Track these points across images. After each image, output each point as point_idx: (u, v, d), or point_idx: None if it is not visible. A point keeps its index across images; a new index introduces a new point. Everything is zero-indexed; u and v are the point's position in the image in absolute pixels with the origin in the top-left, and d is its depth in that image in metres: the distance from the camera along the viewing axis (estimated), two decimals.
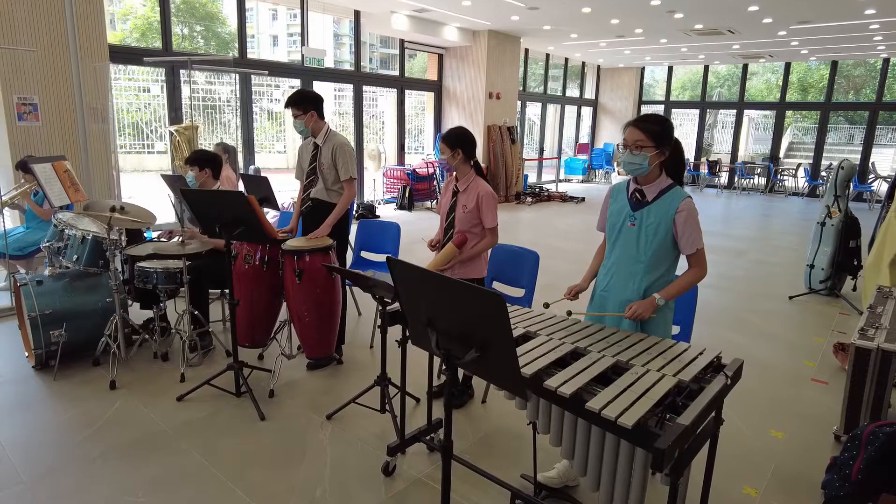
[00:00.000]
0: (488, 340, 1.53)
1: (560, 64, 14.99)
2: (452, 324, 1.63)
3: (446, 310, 1.62)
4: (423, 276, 1.63)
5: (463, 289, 1.48)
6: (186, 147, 6.01)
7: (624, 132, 2.29)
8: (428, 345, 1.79)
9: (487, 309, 1.46)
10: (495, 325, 1.47)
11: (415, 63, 14.83)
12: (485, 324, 1.51)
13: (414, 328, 1.84)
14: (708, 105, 16.11)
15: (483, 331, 1.53)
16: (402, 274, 1.74)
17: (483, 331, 1.53)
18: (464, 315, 1.56)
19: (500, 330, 1.47)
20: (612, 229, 2.40)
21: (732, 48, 12.11)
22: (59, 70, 5.67)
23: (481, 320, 1.51)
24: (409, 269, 1.68)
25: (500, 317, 1.44)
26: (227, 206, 2.92)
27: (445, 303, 1.60)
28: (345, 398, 3.22)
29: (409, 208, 10.33)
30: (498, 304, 1.42)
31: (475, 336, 1.56)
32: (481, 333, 1.54)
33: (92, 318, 3.54)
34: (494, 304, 1.42)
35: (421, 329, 1.77)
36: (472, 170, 2.99)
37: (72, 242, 3.55)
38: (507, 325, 1.45)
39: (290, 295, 3.28)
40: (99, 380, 3.39)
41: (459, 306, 1.55)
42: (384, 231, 4.35)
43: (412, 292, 1.74)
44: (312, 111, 3.47)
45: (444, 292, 1.58)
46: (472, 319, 1.54)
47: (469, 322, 1.56)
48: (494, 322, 1.47)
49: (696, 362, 1.90)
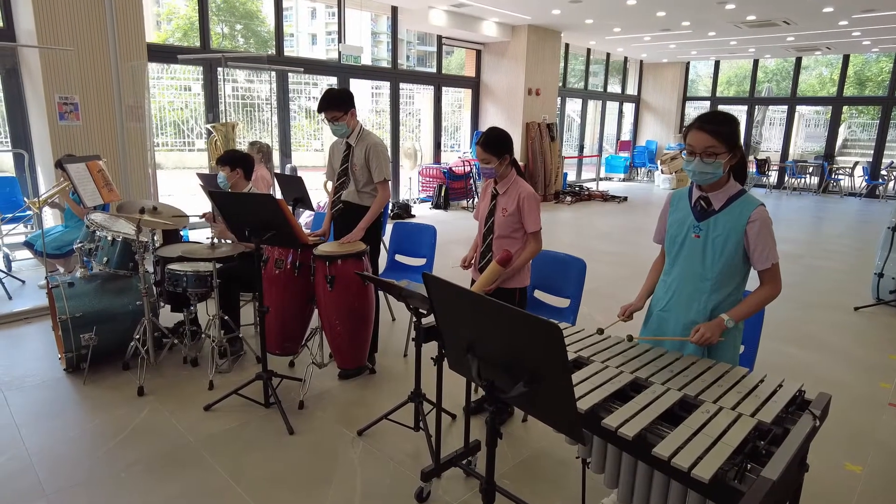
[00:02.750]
0: (540, 373, 1.32)
1: (601, 59, 14.55)
2: (497, 352, 1.43)
3: (490, 335, 1.42)
4: (463, 297, 1.43)
5: (512, 314, 1.27)
6: (223, 144, 5.96)
7: (686, 136, 2.04)
8: (467, 372, 1.59)
9: (541, 339, 1.25)
10: (549, 358, 1.27)
11: (451, 60, 14.62)
12: (537, 355, 1.30)
13: (452, 352, 1.64)
14: (757, 101, 15.40)
15: (534, 362, 1.32)
16: (440, 293, 1.54)
17: (534, 362, 1.32)
18: (511, 343, 1.36)
19: (555, 363, 1.26)
20: (673, 242, 2.15)
21: (786, 40, 11.49)
22: (98, 69, 5.69)
23: (532, 350, 1.30)
24: (448, 288, 1.48)
25: (556, 349, 1.23)
26: (257, 210, 2.79)
27: (489, 328, 1.40)
28: (377, 411, 3.05)
29: (444, 208, 10.14)
30: (554, 335, 1.21)
31: (524, 367, 1.36)
32: (531, 365, 1.33)
33: (122, 321, 3.47)
34: (550, 335, 1.21)
35: (460, 354, 1.58)
36: (512, 170, 2.78)
37: (102, 244, 3.48)
38: (563, 359, 1.24)
39: (322, 302, 3.14)
40: (128, 384, 3.31)
41: (506, 333, 1.35)
42: (420, 234, 4.17)
43: (451, 313, 1.55)
44: (351, 109, 3.30)
45: (487, 316, 1.38)
46: (521, 349, 1.34)
47: (518, 351, 1.36)
48: (549, 354, 1.26)
49: (777, 398, 1.65)
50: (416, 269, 4.17)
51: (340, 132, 3.35)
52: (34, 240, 4.78)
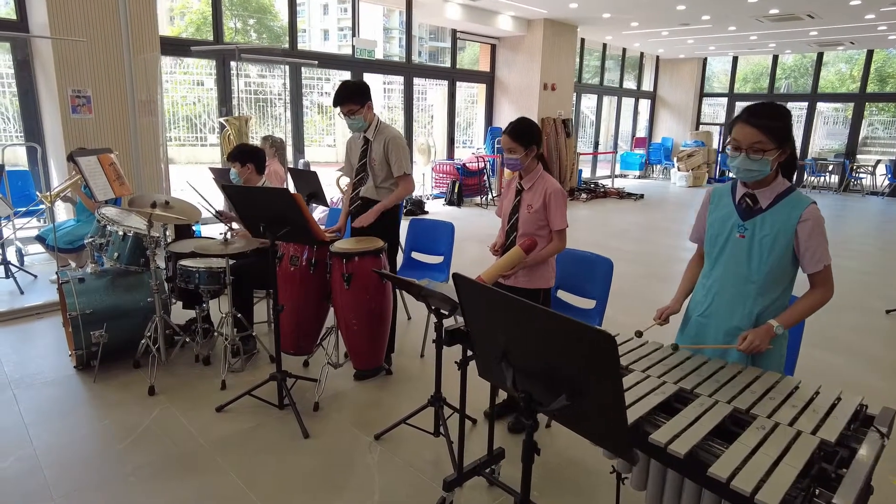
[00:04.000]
0: (586, 387, 1.20)
1: (616, 55, 14.33)
2: (537, 361, 1.31)
3: (530, 344, 1.30)
4: (500, 302, 1.31)
5: (561, 322, 1.15)
6: (236, 139, 5.87)
7: (731, 130, 1.89)
8: (501, 381, 1.47)
9: (592, 350, 1.13)
10: (600, 371, 1.14)
11: (464, 55, 14.47)
12: (585, 366, 1.18)
13: (483, 359, 1.53)
14: (776, 97, 15.09)
15: (580, 374, 1.20)
16: (472, 296, 1.42)
17: (580, 374, 1.20)
18: (556, 353, 1.23)
19: (606, 377, 1.14)
20: (714, 241, 2.01)
21: (809, 35, 11.21)
22: (111, 62, 5.62)
23: (580, 361, 1.18)
24: (483, 291, 1.36)
25: (609, 361, 1.10)
26: (272, 204, 2.68)
27: (530, 335, 1.28)
28: (394, 414, 2.94)
29: (458, 204, 10.02)
30: (607, 347, 1.08)
31: (567, 379, 1.24)
32: (577, 377, 1.21)
33: (133, 317, 3.39)
34: (603, 346, 1.09)
35: (492, 361, 1.46)
36: (538, 165, 2.65)
37: (113, 239, 3.40)
38: (616, 374, 1.11)
39: (338, 301, 3.03)
40: (138, 383, 3.23)
41: (551, 342, 1.23)
42: (437, 231, 4.05)
43: (484, 318, 1.43)
44: (368, 101, 3.18)
45: (529, 323, 1.26)
46: (566, 359, 1.22)
47: (562, 362, 1.24)
48: (599, 367, 1.14)
49: (837, 413, 1.51)
50: (434, 267, 4.05)
51: (357, 126, 3.23)
52: (46, 234, 4.72)
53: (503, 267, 2.49)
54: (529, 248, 2.46)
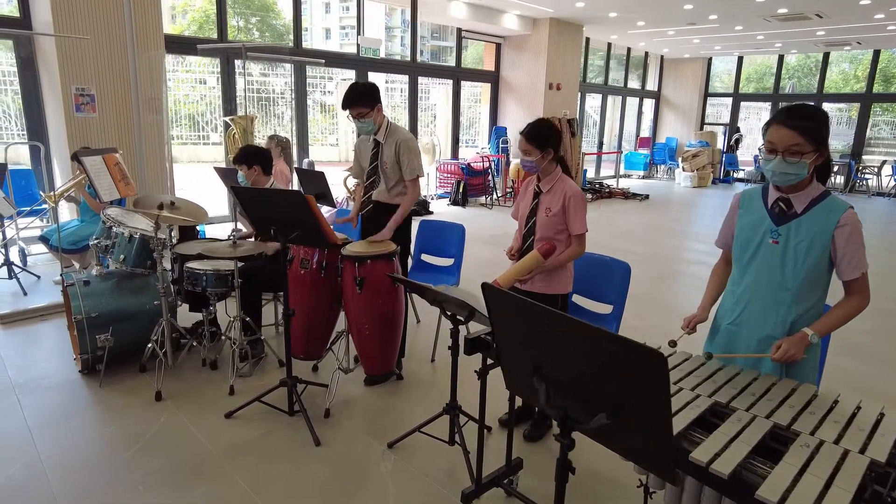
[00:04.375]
0: (628, 405, 1.14)
1: (620, 54, 14.25)
2: (573, 376, 1.24)
3: (566, 358, 1.23)
4: (535, 314, 1.25)
5: (608, 339, 1.08)
6: (241, 138, 5.81)
7: (765, 133, 1.82)
8: (532, 396, 1.40)
9: (640, 368, 1.06)
10: (647, 391, 1.08)
11: (467, 55, 14.40)
12: (629, 385, 1.11)
13: (513, 373, 1.46)
14: (781, 97, 15.01)
15: (623, 392, 1.13)
16: (503, 306, 1.36)
17: (623, 392, 1.13)
18: (596, 368, 1.17)
19: (654, 398, 1.07)
20: (745, 247, 1.94)
21: (816, 34, 11.13)
22: (115, 60, 5.55)
23: (624, 380, 1.11)
24: (515, 302, 1.29)
25: (658, 381, 1.04)
26: (284, 207, 2.62)
27: (566, 349, 1.22)
28: (406, 421, 2.88)
29: (462, 204, 9.95)
30: (657, 365, 1.02)
31: (608, 396, 1.17)
32: (619, 395, 1.14)
33: (139, 321, 3.33)
34: (652, 364, 1.02)
35: (523, 376, 1.39)
36: (557, 167, 2.58)
37: (119, 241, 3.34)
38: (665, 394, 1.05)
39: (350, 305, 2.96)
40: (145, 388, 3.16)
41: (590, 357, 1.16)
42: (447, 232, 3.98)
43: (515, 330, 1.36)
44: (378, 104, 3.12)
45: (566, 336, 1.19)
46: (608, 376, 1.15)
47: (603, 378, 1.17)
48: (646, 386, 1.07)
49: (883, 430, 1.44)
50: (444, 270, 3.99)
51: (367, 129, 3.16)
52: (49, 234, 4.66)
53: (520, 271, 2.43)
54: (548, 252, 2.40)
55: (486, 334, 2.03)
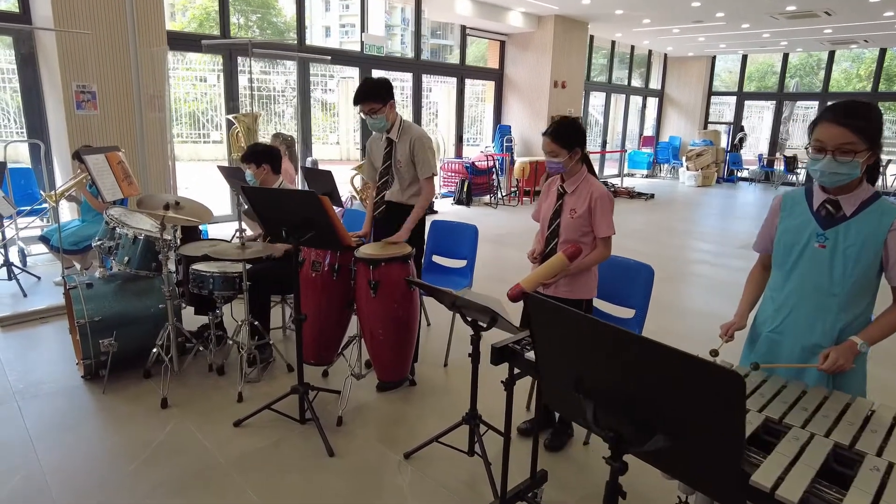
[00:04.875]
0: (692, 428, 1.04)
1: (624, 53, 14.14)
2: (626, 395, 1.14)
3: (620, 375, 1.13)
4: (587, 328, 1.15)
5: (673, 356, 0.98)
6: (245, 137, 5.70)
7: (813, 129, 1.72)
8: (575, 414, 1.30)
9: (709, 390, 0.96)
10: (718, 414, 0.98)
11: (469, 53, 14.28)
12: (697, 407, 1.01)
13: (555, 389, 1.36)
14: (785, 96, 14.92)
15: (688, 415, 1.03)
16: (548, 319, 1.25)
17: (688, 415, 1.03)
18: (655, 388, 1.07)
19: (726, 422, 0.97)
20: (788, 251, 1.84)
21: (823, 32, 11.04)
22: (117, 57, 5.44)
23: (692, 401, 1.01)
24: (563, 315, 1.19)
25: (732, 406, 0.94)
26: (296, 207, 2.51)
27: (621, 366, 1.11)
28: (421, 429, 2.78)
29: (467, 203, 9.85)
30: (734, 389, 0.92)
31: (669, 418, 1.07)
32: (683, 417, 1.04)
33: (144, 325, 3.22)
34: (730, 389, 0.92)
35: (566, 392, 1.29)
36: (583, 167, 2.47)
37: (123, 242, 3.23)
38: (741, 419, 0.95)
39: (363, 309, 2.86)
40: (150, 394, 3.06)
41: (650, 375, 1.06)
42: (459, 233, 3.88)
43: (561, 343, 1.26)
44: (391, 100, 3.01)
45: (622, 352, 1.09)
46: (672, 397, 1.05)
47: (663, 398, 1.07)
48: (718, 410, 0.97)
49: None
50: (457, 272, 3.88)
51: (379, 126, 3.05)
52: (50, 234, 4.55)
53: (545, 275, 2.32)
54: (574, 255, 2.29)
55: (515, 343, 1.93)
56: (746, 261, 6.58)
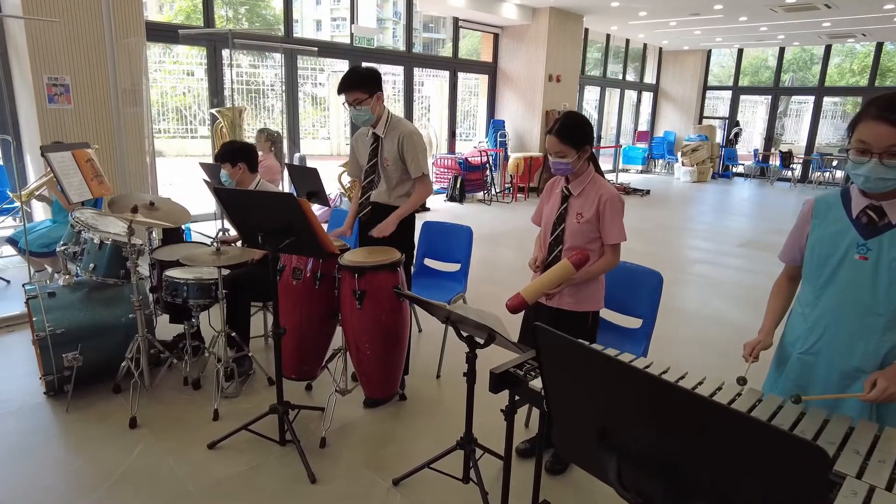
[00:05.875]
0: (747, 499, 0.82)
1: (618, 47, 13.93)
2: (665, 455, 0.92)
3: (661, 432, 0.92)
4: (619, 372, 0.93)
5: (737, 421, 0.76)
6: (229, 132, 5.44)
7: (855, 128, 1.50)
8: (594, 468, 1.09)
9: (781, 464, 0.75)
10: (785, 491, 0.76)
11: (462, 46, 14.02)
12: (757, 481, 0.79)
13: (570, 436, 1.14)
14: (781, 91, 14.77)
15: (745, 488, 0.82)
16: (565, 356, 1.04)
17: (745, 488, 0.82)
18: (708, 453, 0.85)
19: (796, 500, 0.75)
20: (823, 263, 1.63)
21: (822, 26, 10.86)
22: (91, 48, 5.16)
23: (753, 474, 0.80)
24: (586, 354, 0.97)
25: (811, 485, 0.72)
26: (274, 211, 2.28)
27: (662, 420, 0.90)
28: (412, 451, 2.57)
29: (460, 200, 9.62)
30: (817, 464, 0.70)
31: (719, 488, 0.86)
32: (738, 490, 0.83)
33: (113, 335, 2.98)
34: (810, 464, 0.71)
35: (582, 441, 1.08)
36: (590, 166, 2.26)
37: (89, 247, 2.98)
38: (820, 498, 0.73)
39: (348, 321, 2.63)
40: (118, 413, 2.82)
41: (706, 437, 0.84)
42: (453, 234, 3.66)
43: (580, 385, 1.04)
44: (378, 92, 2.78)
45: (666, 405, 0.88)
46: (725, 464, 0.83)
47: (716, 466, 0.85)
48: (786, 486, 0.75)
49: None
50: (450, 276, 3.66)
51: (363, 119, 2.81)
52: (18, 236, 4.29)
53: (548, 284, 2.11)
54: (580, 262, 2.08)
55: (516, 367, 1.71)
56: (748, 261, 6.40)
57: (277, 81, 13.50)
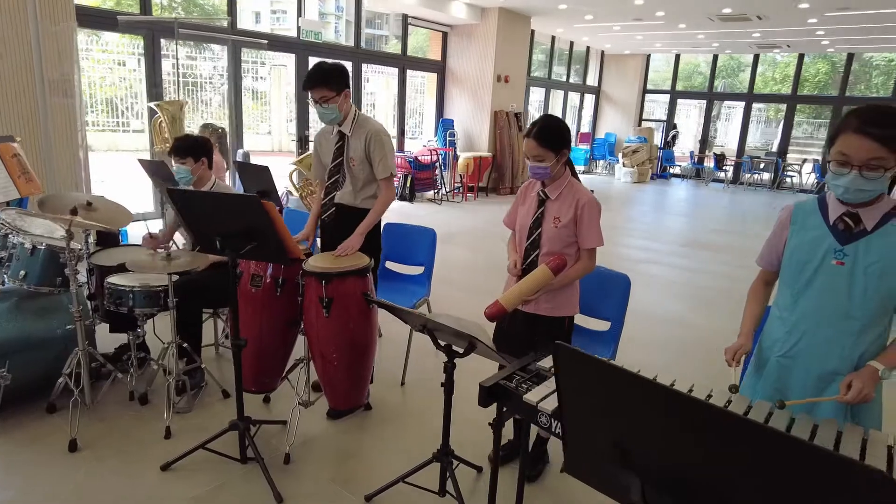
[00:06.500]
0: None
1: (562, 49, 14.19)
2: (697, 476, 0.89)
3: (697, 454, 0.88)
4: (652, 394, 0.88)
5: (791, 447, 0.73)
6: (170, 126, 5.13)
7: (835, 140, 1.53)
8: (612, 488, 1.04)
9: (837, 490, 0.72)
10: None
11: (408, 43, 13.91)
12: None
13: (582, 456, 1.09)
14: (714, 96, 15.50)
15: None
16: (585, 373, 0.98)
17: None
18: (749, 476, 0.82)
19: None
20: (800, 269, 1.66)
21: (752, 36, 11.46)
22: (13, 33, 4.72)
23: (807, 498, 0.77)
24: (608, 371, 0.92)
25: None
26: (234, 214, 2.13)
27: (702, 443, 0.86)
28: (381, 463, 2.47)
29: (410, 199, 9.53)
30: (883, 492, 0.67)
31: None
32: None
33: (47, 350, 2.72)
34: (873, 490, 0.68)
35: (600, 459, 1.03)
36: (566, 170, 2.23)
37: (19, 252, 2.70)
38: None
39: (313, 330, 2.50)
40: (55, 435, 2.57)
41: (754, 463, 0.81)
42: (416, 237, 3.57)
43: (602, 405, 0.99)
44: (346, 89, 2.66)
45: (705, 429, 0.84)
46: (770, 489, 0.80)
47: (757, 490, 0.82)
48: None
49: None
50: (413, 279, 3.58)
51: (330, 117, 2.69)
52: None
53: (527, 291, 2.06)
54: (559, 267, 2.05)
55: (504, 379, 1.65)
56: (692, 260, 6.64)
57: (216, 74, 12.92)
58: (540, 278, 2.05)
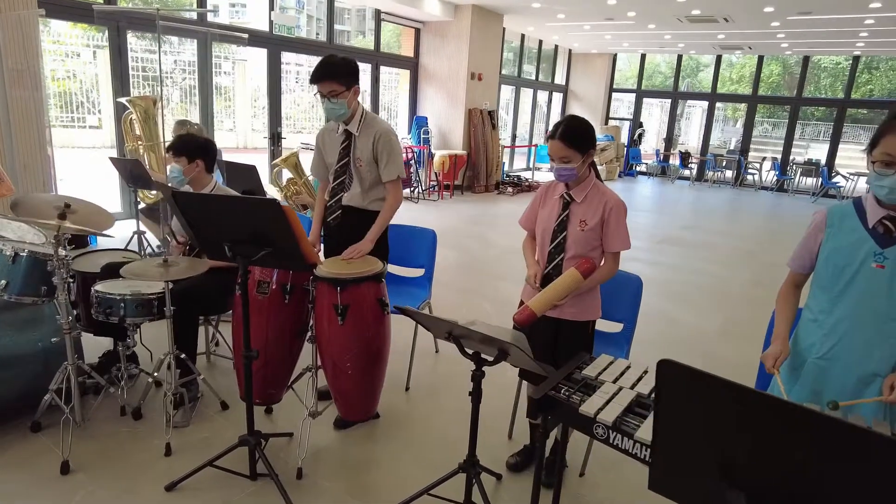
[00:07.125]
0: None
1: (531, 47, 14.26)
2: (811, 491, 0.85)
3: (821, 470, 0.84)
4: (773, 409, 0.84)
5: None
6: (142, 124, 4.89)
7: (876, 142, 1.54)
8: (703, 501, 1.00)
9: None
10: None
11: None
12: None
13: (675, 472, 1.05)
14: (679, 95, 15.87)
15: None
16: (691, 389, 0.94)
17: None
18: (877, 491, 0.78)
19: None
20: (838, 273, 1.67)
21: (717, 38, 11.75)
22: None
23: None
24: (721, 388, 0.88)
25: None
26: (247, 219, 2.01)
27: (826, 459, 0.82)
28: (396, 472, 2.39)
29: None
30: None
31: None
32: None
33: (30, 364, 2.53)
34: None
35: (697, 476, 0.99)
36: (591, 172, 2.19)
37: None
38: None
39: (326, 338, 2.39)
40: (44, 456, 2.39)
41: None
42: (416, 238, 3.48)
43: (711, 421, 0.95)
44: (356, 85, 2.56)
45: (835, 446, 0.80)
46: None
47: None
48: None
49: None
50: (414, 282, 3.49)
51: (337, 113, 2.58)
52: None
53: (558, 295, 2.01)
54: (589, 271, 2.01)
55: (553, 389, 1.60)
56: (669, 257, 6.75)
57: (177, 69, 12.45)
58: (570, 282, 2.01)
